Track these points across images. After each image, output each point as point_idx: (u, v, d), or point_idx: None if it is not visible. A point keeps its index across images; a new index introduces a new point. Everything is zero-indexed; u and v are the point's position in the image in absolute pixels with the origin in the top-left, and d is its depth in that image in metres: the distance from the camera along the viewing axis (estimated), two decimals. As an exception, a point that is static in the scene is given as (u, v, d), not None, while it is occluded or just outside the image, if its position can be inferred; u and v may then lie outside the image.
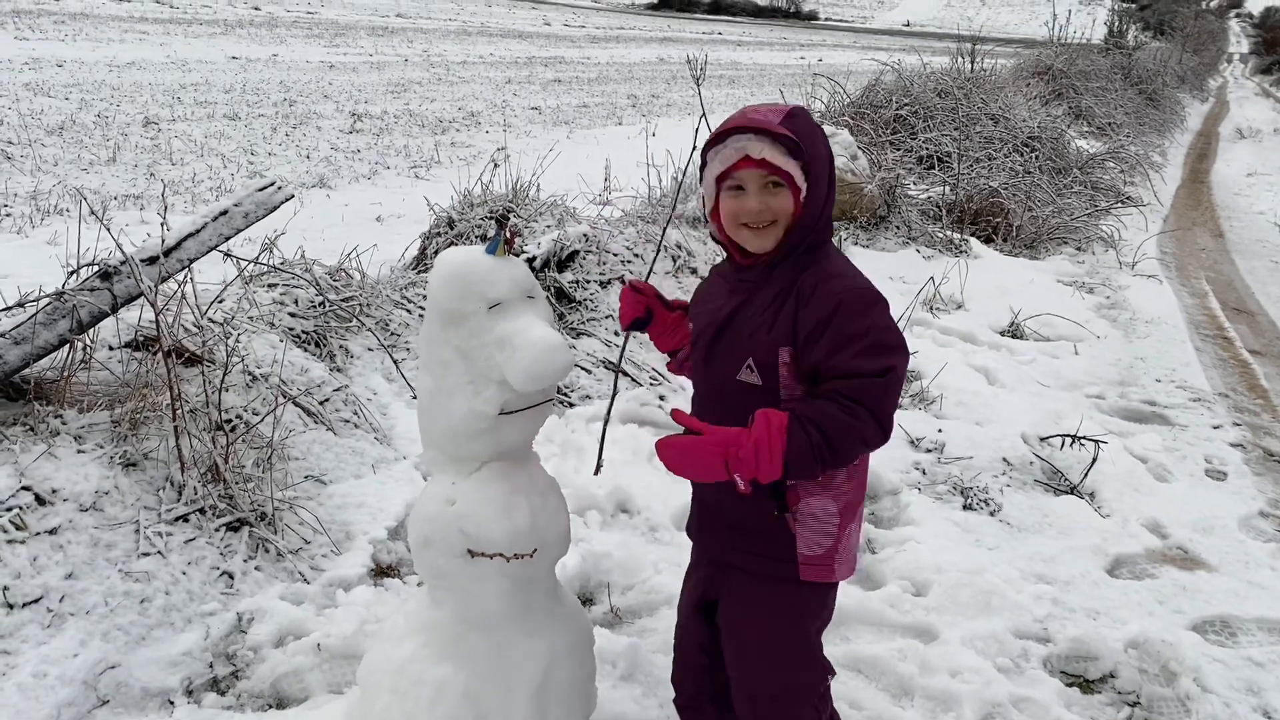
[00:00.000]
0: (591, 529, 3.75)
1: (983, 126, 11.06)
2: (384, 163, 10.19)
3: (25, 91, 12.52)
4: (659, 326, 2.35)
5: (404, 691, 2.25)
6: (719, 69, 29.18)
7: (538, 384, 2.11)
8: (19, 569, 2.62)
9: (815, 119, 2.10)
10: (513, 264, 2.21)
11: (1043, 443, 4.84)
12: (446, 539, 2.20)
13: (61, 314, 2.96)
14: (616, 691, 2.95)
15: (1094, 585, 3.76)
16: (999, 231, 8.89)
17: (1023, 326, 6.57)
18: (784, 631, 2.17)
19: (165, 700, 2.51)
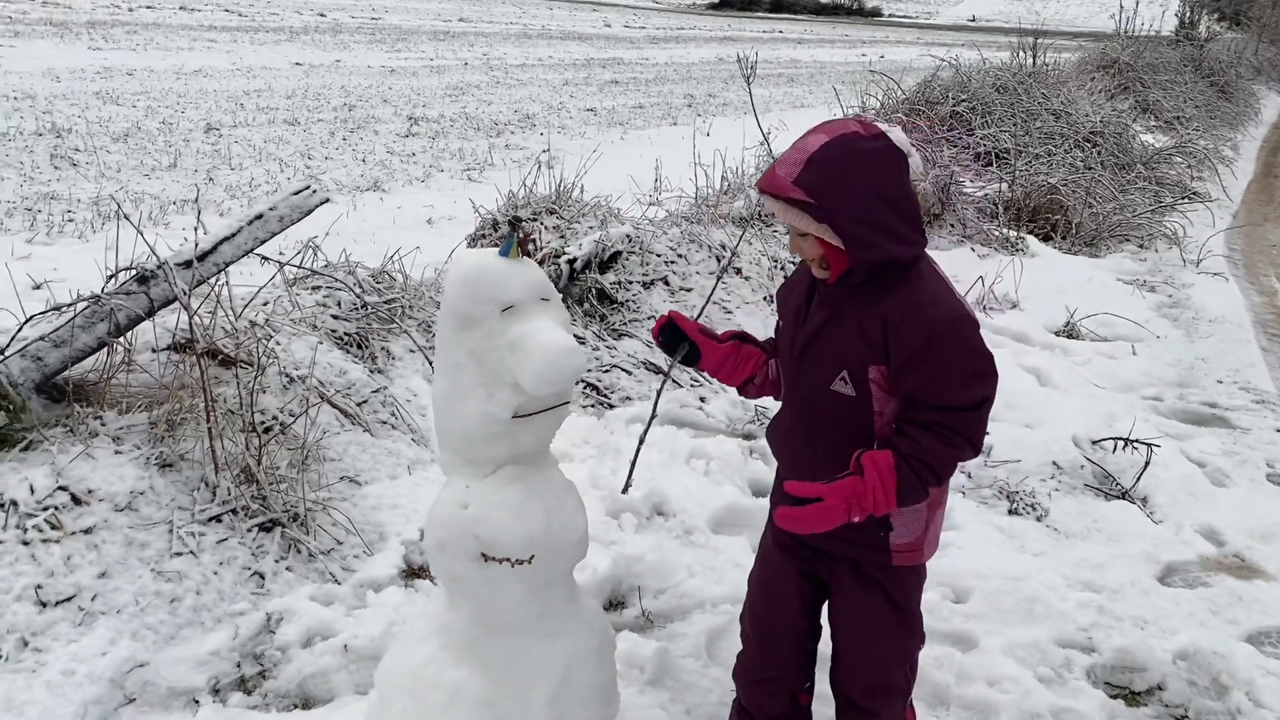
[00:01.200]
0: (625, 532, 3.73)
1: (1043, 122, 10.83)
2: (438, 165, 10.28)
3: (95, 100, 12.86)
4: (714, 360, 2.36)
5: (420, 695, 2.25)
6: (778, 67, 29.01)
7: (549, 387, 2.09)
8: (52, 568, 2.68)
9: (855, 134, 2.00)
10: (526, 266, 2.20)
11: (1095, 446, 4.71)
12: (461, 543, 2.20)
13: (100, 317, 3.03)
14: (643, 697, 2.92)
15: (1143, 594, 3.64)
16: (1058, 229, 8.69)
17: (1078, 326, 6.42)
18: (888, 607, 2.25)
19: (191, 699, 2.55)
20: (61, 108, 12.05)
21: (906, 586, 2.30)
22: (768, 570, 2.47)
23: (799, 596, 2.40)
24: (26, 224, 6.81)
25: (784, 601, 2.42)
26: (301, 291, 4.55)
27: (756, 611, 2.51)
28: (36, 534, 2.71)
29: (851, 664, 2.39)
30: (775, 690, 2.54)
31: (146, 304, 3.08)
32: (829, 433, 2.14)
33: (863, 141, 1.98)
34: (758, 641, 2.52)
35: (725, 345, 2.35)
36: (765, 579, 2.49)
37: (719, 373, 2.37)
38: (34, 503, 2.78)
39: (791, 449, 2.28)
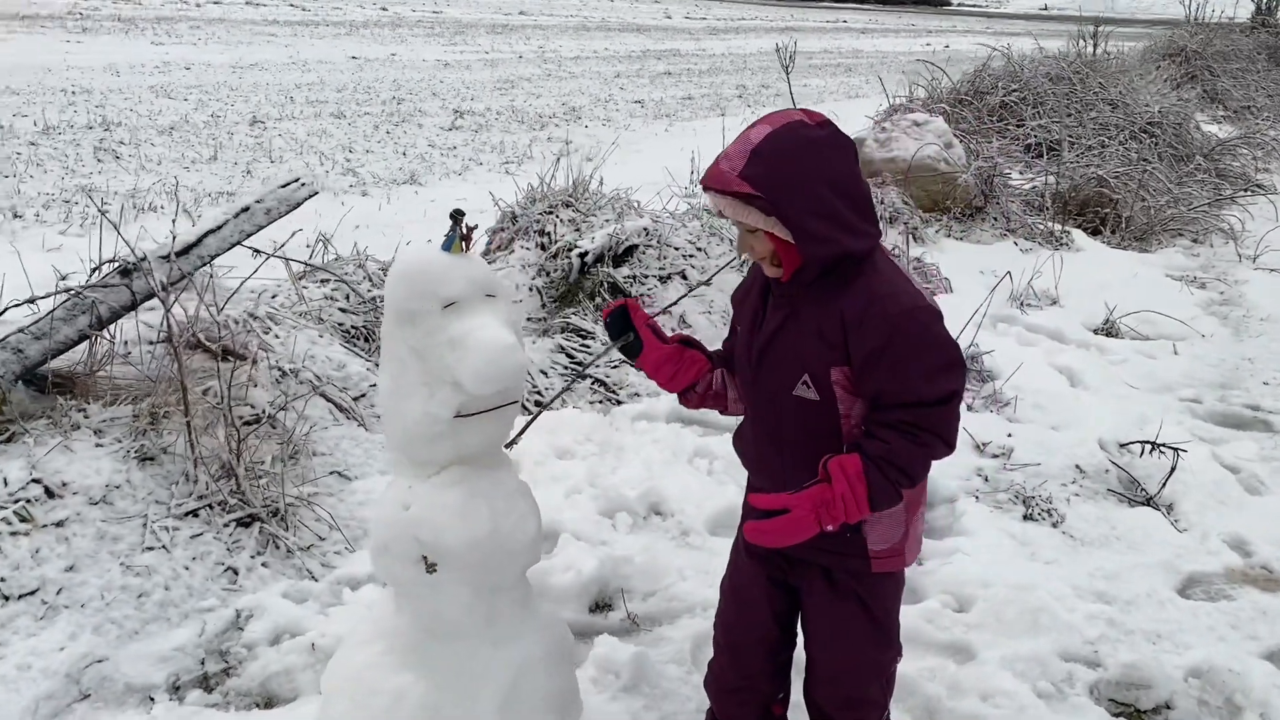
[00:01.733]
0: (618, 531, 3.65)
1: (1098, 112, 10.50)
2: (477, 159, 10.28)
3: (148, 94, 13.10)
4: (654, 359, 2.26)
5: (361, 700, 2.20)
6: (839, 57, 28.64)
7: (489, 386, 2.03)
8: (18, 560, 2.68)
9: (800, 122, 1.90)
10: (470, 262, 2.13)
11: (1122, 449, 4.52)
12: (402, 545, 2.14)
13: (81, 310, 3.02)
14: (615, 704, 2.84)
15: (1159, 606, 3.47)
16: (1107, 223, 8.41)
17: (1118, 324, 6.18)
18: (863, 618, 2.17)
19: (146, 697, 2.53)
20: (115, 101, 12.29)
21: (883, 595, 2.21)
22: (738, 577, 2.40)
23: (769, 605, 2.32)
24: (61, 216, 6.93)
25: (754, 610, 2.34)
26: (310, 285, 4.54)
27: (727, 620, 2.43)
28: (5, 527, 2.72)
29: (824, 675, 2.31)
30: (747, 700, 2.46)
31: (129, 297, 3.07)
32: (796, 439, 2.05)
33: (808, 130, 1.90)
34: (728, 651, 2.45)
35: (668, 347, 2.25)
36: (735, 586, 2.41)
37: (658, 374, 2.27)
38: (5, 495, 2.78)
39: (761, 457, 2.20)
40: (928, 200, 7.90)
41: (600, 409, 4.56)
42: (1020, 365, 5.13)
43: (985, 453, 4.44)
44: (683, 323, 5.07)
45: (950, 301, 6.10)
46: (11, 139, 9.66)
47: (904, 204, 7.59)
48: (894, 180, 7.76)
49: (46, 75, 14.33)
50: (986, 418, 4.76)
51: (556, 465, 4.00)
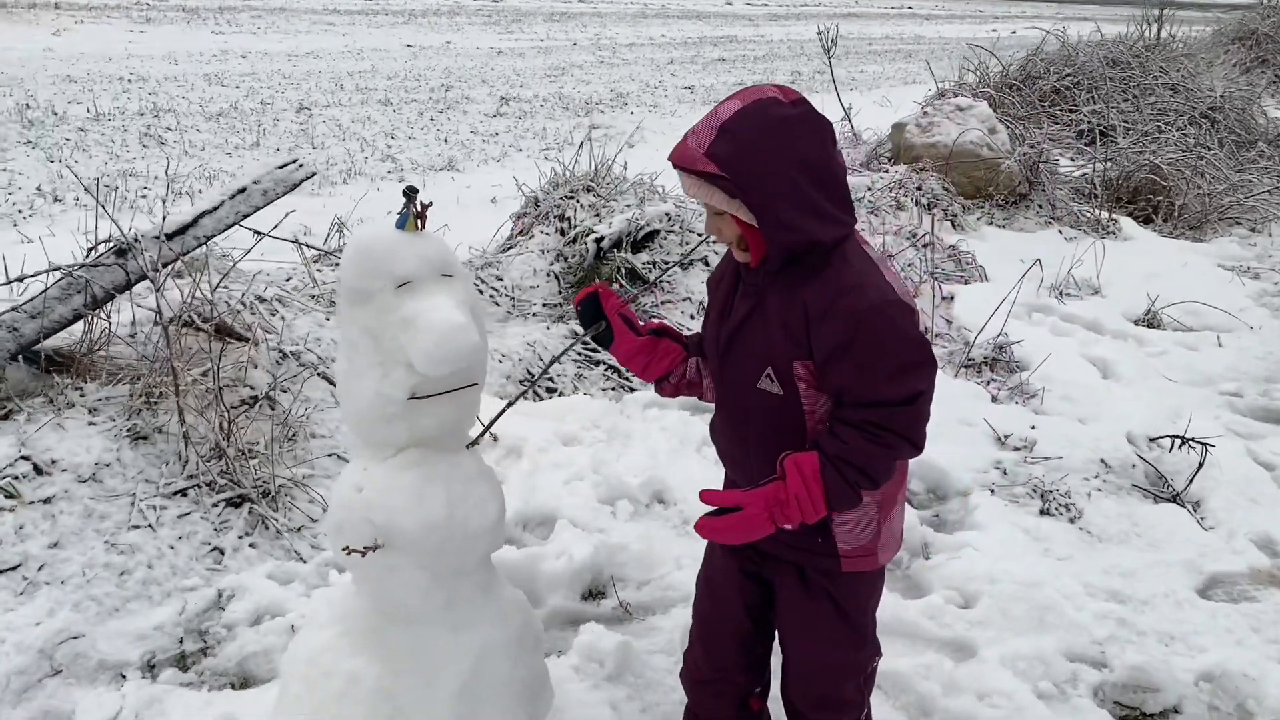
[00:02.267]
0: (616, 519, 3.60)
1: (1157, 97, 10.17)
2: (518, 145, 10.27)
3: (202, 81, 13.30)
4: (625, 350, 2.19)
5: (314, 682, 2.17)
6: (899, 43, 28.24)
7: (439, 368, 1.98)
8: (1, 536, 2.70)
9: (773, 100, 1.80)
10: (425, 240, 2.09)
11: (1151, 444, 4.35)
12: (356, 528, 2.11)
13: (76, 289, 3.04)
14: (596, 693, 2.80)
15: (1176, 606, 3.33)
16: (1159, 211, 8.14)
17: (1161, 314, 5.97)
18: (836, 618, 2.10)
19: (118, 674, 2.53)
20: (168, 89, 12.51)
21: (858, 595, 2.13)
22: (711, 569, 2.34)
23: (741, 598, 2.25)
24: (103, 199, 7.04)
25: (726, 603, 2.28)
26: (324, 269, 4.54)
27: (701, 612, 2.37)
28: (-10, 502, 2.75)
29: (797, 673, 2.24)
30: (721, 693, 2.40)
31: (123, 277, 3.08)
32: (761, 432, 1.98)
33: (780, 108, 1.79)
34: (701, 643, 2.39)
35: (640, 339, 2.17)
36: (707, 577, 2.35)
37: (630, 364, 2.21)
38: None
39: (730, 449, 2.14)
40: (970, 186, 7.71)
41: (612, 395, 4.51)
42: (1050, 356, 4.98)
43: (1006, 445, 4.30)
44: (701, 308, 4.99)
45: (985, 290, 5.94)
46: (63, 125, 9.87)
47: (944, 190, 7.42)
48: (935, 166, 7.59)
49: (107, 64, 14.63)
50: (1011, 409, 4.62)
51: (561, 452, 3.96)
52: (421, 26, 24.90)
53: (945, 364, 5.03)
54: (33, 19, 19.93)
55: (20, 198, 7.32)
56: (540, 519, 3.57)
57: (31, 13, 20.77)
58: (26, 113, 10.31)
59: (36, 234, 5.49)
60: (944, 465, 3.99)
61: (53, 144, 8.98)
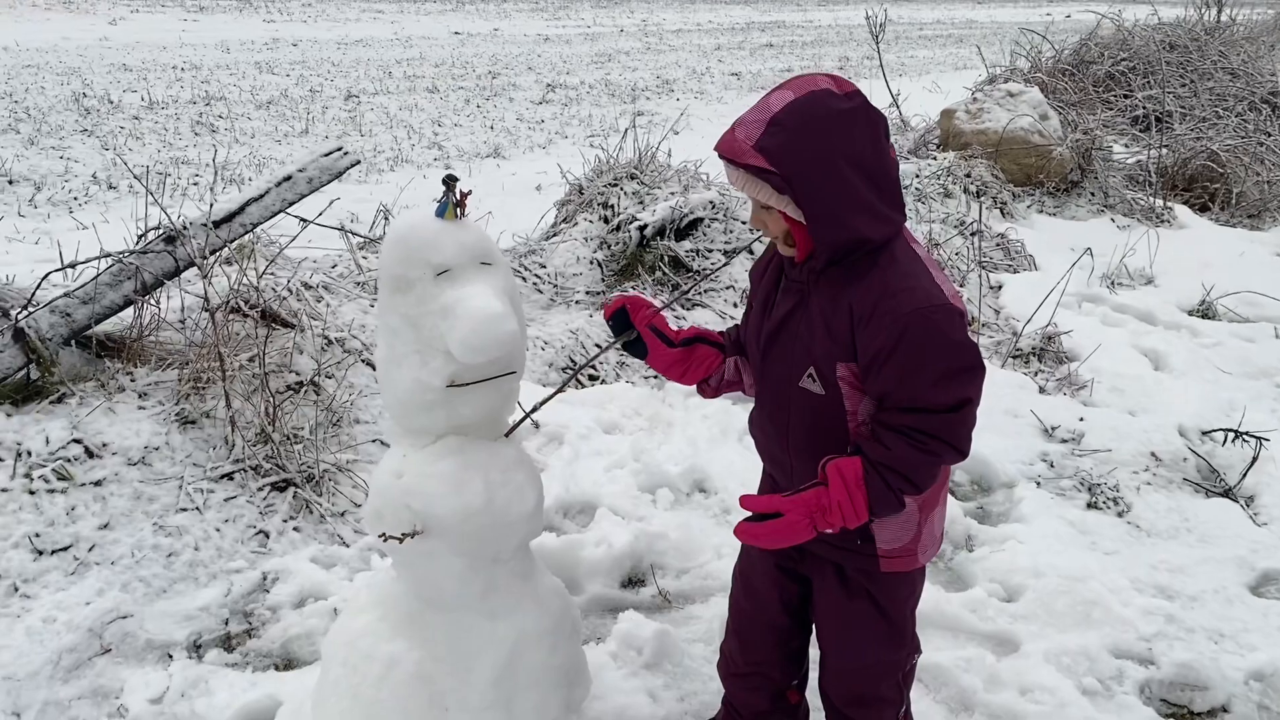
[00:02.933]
0: (656, 508, 3.59)
1: (1216, 82, 9.93)
2: (563, 132, 10.28)
3: (252, 69, 13.48)
4: (661, 362, 2.17)
5: (354, 665, 2.20)
6: (951, 28, 27.87)
7: (477, 355, 1.99)
8: (54, 517, 2.76)
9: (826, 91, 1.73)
10: (464, 228, 2.09)
11: (1204, 437, 4.26)
12: (395, 514, 2.12)
13: (126, 275, 3.10)
14: (634, 680, 2.80)
15: (1227, 603, 3.27)
16: (1215, 199, 7.95)
17: (1215, 305, 5.84)
18: (875, 617, 2.08)
19: (165, 653, 2.58)
20: (221, 77, 12.69)
21: (897, 594, 2.10)
22: (748, 563, 2.32)
23: (779, 594, 2.23)
24: (155, 185, 7.18)
25: (764, 599, 2.26)
26: (369, 256, 4.58)
27: (737, 606, 2.36)
28: (43, 484, 2.81)
29: (835, 671, 2.22)
30: (757, 686, 2.38)
31: (172, 263, 3.13)
32: (802, 431, 1.95)
33: (834, 100, 1.73)
34: (737, 636, 2.38)
35: (674, 350, 2.13)
36: (745, 571, 2.33)
37: (668, 374, 2.18)
38: (46, 453, 2.87)
39: (769, 446, 2.10)
40: (1020, 174, 7.59)
41: (654, 383, 4.51)
42: (1100, 346, 4.89)
43: (1053, 437, 4.24)
44: (744, 297, 4.97)
45: (1034, 279, 5.85)
46: (118, 114, 10.05)
47: (993, 177, 7.31)
48: (984, 153, 7.48)
49: (161, 52, 14.87)
50: (1058, 401, 4.55)
51: (602, 439, 3.97)
52: (469, 14, 25.00)
53: (992, 354, 4.97)
54: (89, 8, 20.29)
55: (76, 185, 7.47)
56: (580, 506, 3.59)
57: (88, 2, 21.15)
58: (83, 101, 10.51)
59: (91, 221, 5.59)
60: (989, 457, 3.94)
61: (108, 132, 9.16)
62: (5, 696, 2.36)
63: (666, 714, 2.70)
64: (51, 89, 11.19)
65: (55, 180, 7.53)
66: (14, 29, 16.90)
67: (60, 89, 11.23)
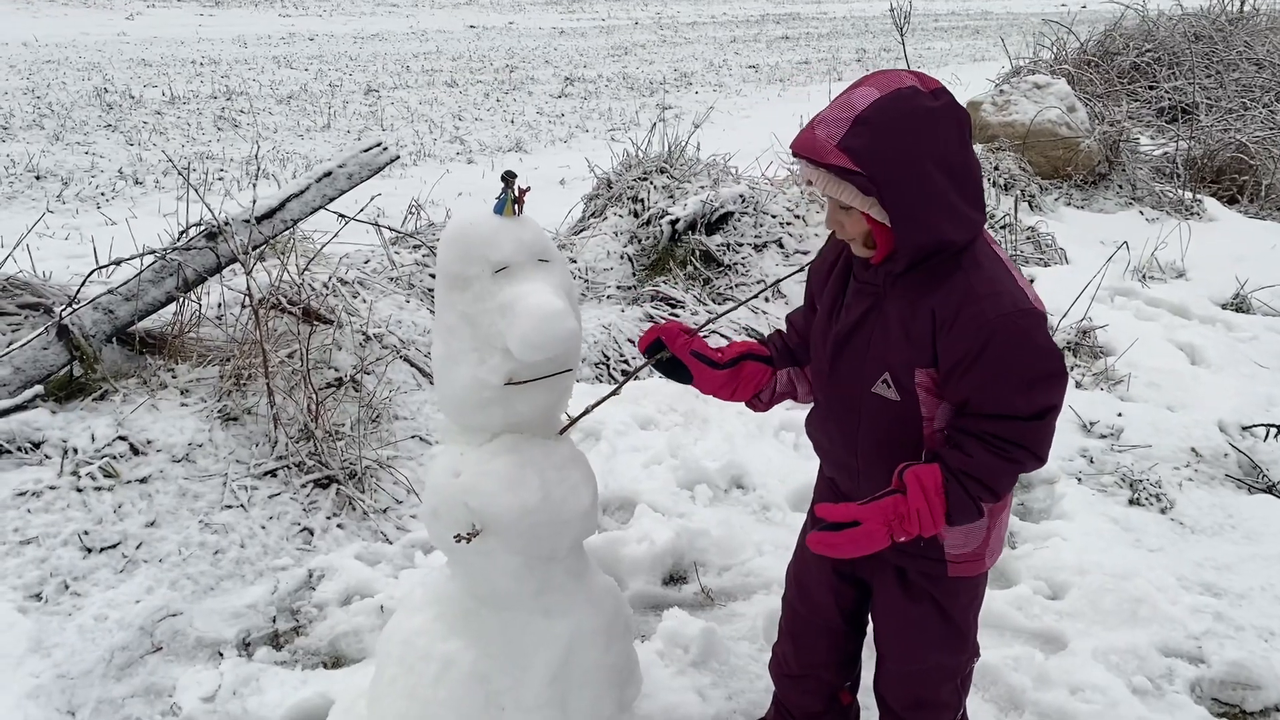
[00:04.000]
0: (696, 504, 3.58)
1: (1242, 73, 9.84)
2: (584, 126, 10.26)
3: (272, 64, 13.50)
4: (709, 387, 2.14)
5: (410, 664, 2.19)
6: (967, 19, 27.73)
7: (537, 353, 1.97)
8: (101, 515, 2.76)
9: (912, 89, 1.68)
10: (521, 225, 2.07)
11: (1244, 432, 4.22)
12: (452, 512, 2.11)
13: (168, 272, 3.09)
14: (682, 679, 2.78)
15: (1275, 601, 3.24)
16: (1244, 191, 7.89)
17: (1250, 298, 5.78)
18: (938, 621, 2.04)
19: (216, 651, 2.58)
20: (240, 72, 12.71)
21: (961, 598, 2.05)
22: (803, 565, 2.27)
23: (834, 597, 2.20)
24: (180, 182, 7.19)
25: (819, 602, 2.23)
26: (402, 251, 4.57)
27: (792, 608, 2.32)
28: (90, 481, 2.81)
29: (895, 674, 2.18)
30: (810, 688, 2.36)
31: (214, 260, 3.13)
32: (873, 437, 1.89)
33: (921, 99, 1.67)
34: (791, 638, 2.34)
35: (721, 372, 2.11)
36: (799, 574, 2.29)
37: (717, 395, 2.15)
38: (92, 451, 2.87)
39: (834, 451, 2.04)
40: (1047, 166, 7.53)
41: (687, 378, 4.48)
42: (1136, 341, 4.85)
43: (1092, 433, 4.21)
44: (777, 291, 4.94)
45: (1066, 273, 5.81)
46: (140, 109, 10.07)
47: (1020, 170, 7.27)
48: (1011, 145, 7.43)
49: (179, 47, 14.90)
50: (1096, 396, 4.51)
51: (638, 435, 3.95)
52: (484, 7, 24.98)
53: (1026, 349, 4.92)
54: (106, 3, 20.34)
55: (103, 180, 7.49)
56: (620, 503, 3.57)
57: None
58: (105, 96, 10.53)
59: (120, 216, 5.60)
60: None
61: (131, 127, 9.18)
62: (60, 695, 2.36)
63: (716, 713, 2.68)
64: (73, 84, 11.23)
65: (82, 176, 7.55)
66: (32, 24, 16.96)
67: (82, 84, 11.26)
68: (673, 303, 4.71)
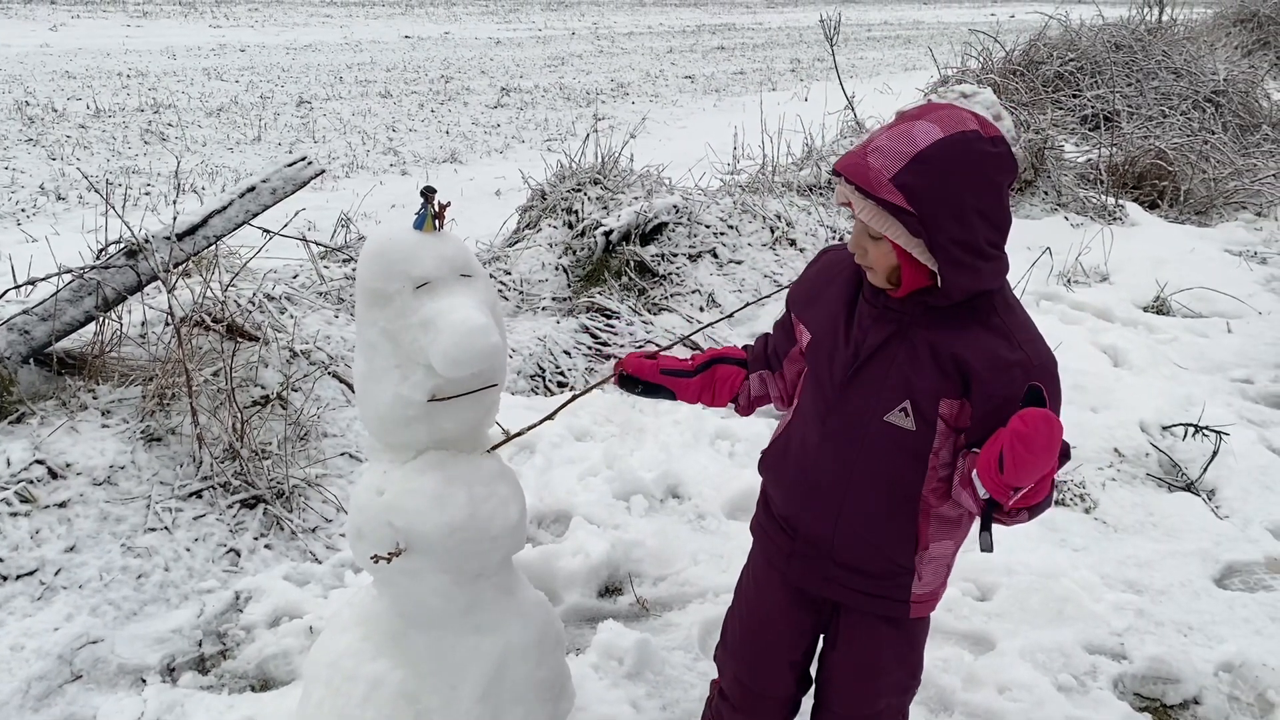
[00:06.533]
0: (631, 515, 3.58)
1: (1160, 81, 10.13)
2: (520, 136, 10.24)
3: (201, 76, 13.29)
4: (689, 396, 2.13)
5: (337, 686, 2.16)
6: (899, 29, 28.17)
7: (459, 369, 1.96)
8: (17, 541, 2.69)
9: (975, 134, 1.63)
10: (443, 240, 2.06)
11: (1164, 432, 4.34)
12: (376, 532, 2.09)
13: (87, 291, 3.03)
14: (616, 690, 2.78)
15: (1193, 596, 3.33)
16: (1165, 196, 8.11)
17: (1169, 301, 5.94)
18: (895, 661, 2.05)
19: (139, 678, 2.52)
20: (168, 84, 12.49)
21: (916, 638, 2.06)
22: (758, 643, 2.18)
23: (790, 670, 2.16)
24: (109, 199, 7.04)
25: (773, 676, 2.17)
26: (331, 265, 4.52)
27: (739, 684, 2.23)
28: (4, 507, 2.73)
29: (845, 713, 2.13)
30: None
31: (134, 278, 3.07)
32: (873, 469, 1.82)
33: (982, 145, 1.63)
34: (741, 712, 2.25)
35: (696, 379, 2.10)
36: (752, 651, 2.19)
37: (700, 402, 2.15)
38: (8, 476, 2.79)
39: (811, 482, 1.92)
40: (974, 174, 7.66)
41: (623, 389, 4.49)
42: (1060, 344, 4.95)
43: (1019, 435, 4.28)
44: (711, 301, 4.98)
45: (993, 278, 5.92)
46: (63, 122, 9.84)
47: (949, 178, 7.38)
48: (939, 154, 7.54)
49: (105, 59, 14.60)
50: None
51: (574, 447, 3.95)
52: (419, 17, 24.83)
53: (955, 354, 5.01)
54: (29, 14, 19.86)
55: (23, 196, 7.30)
56: (555, 516, 3.57)
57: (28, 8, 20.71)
58: (26, 110, 10.28)
59: (41, 233, 5.48)
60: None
61: (54, 141, 8.96)
62: (-26, 728, 2.29)
63: (650, 723, 2.69)
64: (-7, 97, 10.96)
65: (1, 192, 7.36)
66: (-50, 36, 16.52)
67: (2, 97, 10.97)
68: (608, 314, 4.72)
